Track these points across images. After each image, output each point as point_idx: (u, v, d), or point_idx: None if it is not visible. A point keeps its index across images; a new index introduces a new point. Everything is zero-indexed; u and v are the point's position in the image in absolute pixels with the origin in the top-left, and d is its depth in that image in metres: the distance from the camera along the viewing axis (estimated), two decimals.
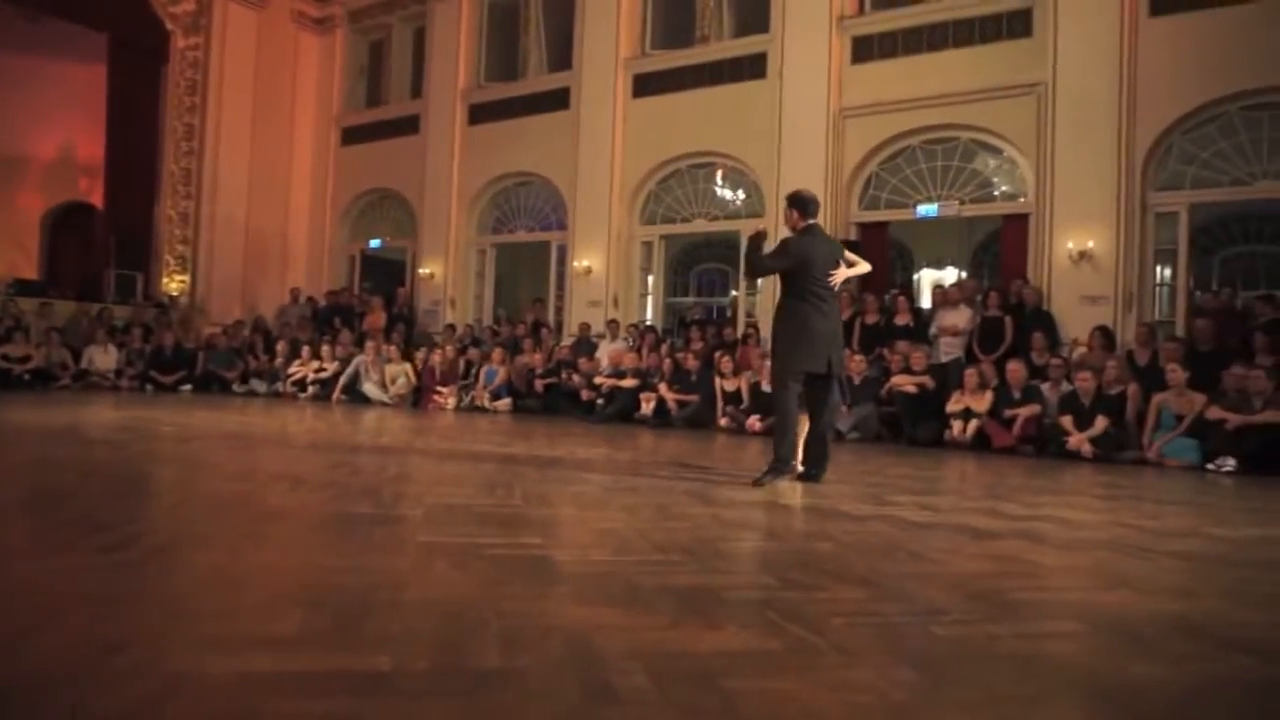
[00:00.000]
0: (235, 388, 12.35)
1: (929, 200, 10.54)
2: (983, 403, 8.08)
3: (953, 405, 8.23)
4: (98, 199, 15.41)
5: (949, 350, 9.20)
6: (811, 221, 5.10)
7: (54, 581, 2.24)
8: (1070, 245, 9.32)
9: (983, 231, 14.50)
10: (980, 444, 7.92)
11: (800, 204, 5.12)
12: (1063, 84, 9.43)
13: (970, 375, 8.29)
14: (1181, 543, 3.57)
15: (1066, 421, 7.57)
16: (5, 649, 1.72)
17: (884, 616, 2.24)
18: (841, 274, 5.03)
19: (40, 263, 16.38)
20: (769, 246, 5.33)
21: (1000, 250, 11.09)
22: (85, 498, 3.58)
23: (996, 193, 10.44)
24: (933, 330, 9.41)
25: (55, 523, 3.05)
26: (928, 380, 8.57)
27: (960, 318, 9.29)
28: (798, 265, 4.97)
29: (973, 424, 8.01)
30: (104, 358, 11.96)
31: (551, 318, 13.37)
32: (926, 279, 15.16)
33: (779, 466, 4.85)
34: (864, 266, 5.25)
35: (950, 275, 14.45)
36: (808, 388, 5.02)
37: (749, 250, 5.27)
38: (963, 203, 10.39)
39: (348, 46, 16.08)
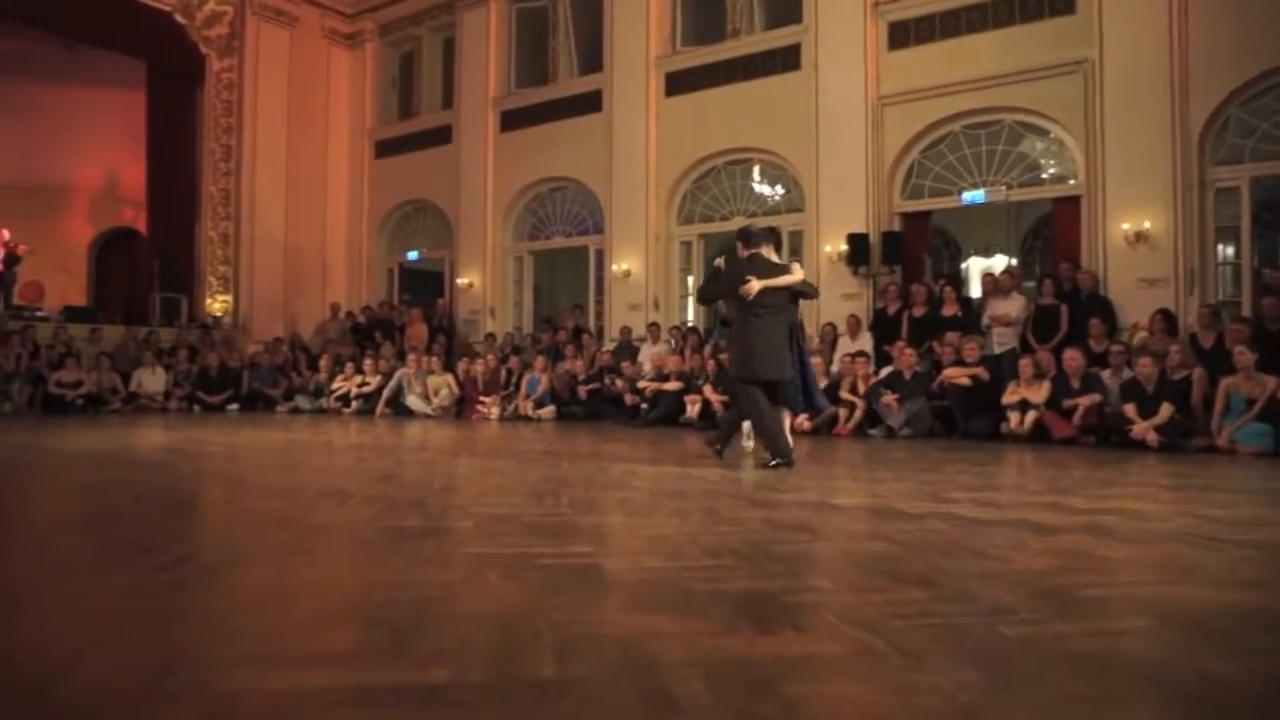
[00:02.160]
0: (280, 405, 12.57)
1: (974, 186, 10.39)
2: (1040, 393, 7.93)
3: (1008, 397, 8.10)
4: (141, 224, 15.81)
5: (1002, 340, 9.05)
6: (754, 250, 5.86)
7: (107, 601, 2.28)
8: (1126, 226, 9.10)
9: (1032, 216, 14.24)
10: (1039, 436, 7.77)
11: (742, 236, 5.98)
12: (1110, 60, 9.23)
13: (1026, 365, 8.15)
14: (1255, 533, 3.46)
15: (1129, 410, 7.39)
16: (61, 669, 1.75)
17: (947, 617, 2.19)
18: (753, 286, 5.63)
19: (89, 289, 16.84)
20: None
21: (1051, 235, 10.89)
22: (137, 518, 3.66)
23: (1045, 175, 10.26)
24: (984, 320, 9.26)
25: (108, 543, 3.12)
26: (981, 372, 8.43)
27: (1013, 306, 9.13)
28: (726, 290, 5.88)
29: (1030, 416, 7.87)
30: (152, 380, 12.26)
31: (592, 323, 13.41)
32: (975, 267, 14.93)
33: (781, 462, 5.50)
34: (793, 277, 5.86)
35: (999, 263, 14.20)
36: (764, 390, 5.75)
37: (704, 280, 6.31)
38: (1010, 187, 10.23)
39: (378, 60, 16.32)
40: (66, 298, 15.10)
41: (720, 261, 6.08)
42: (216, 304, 14.96)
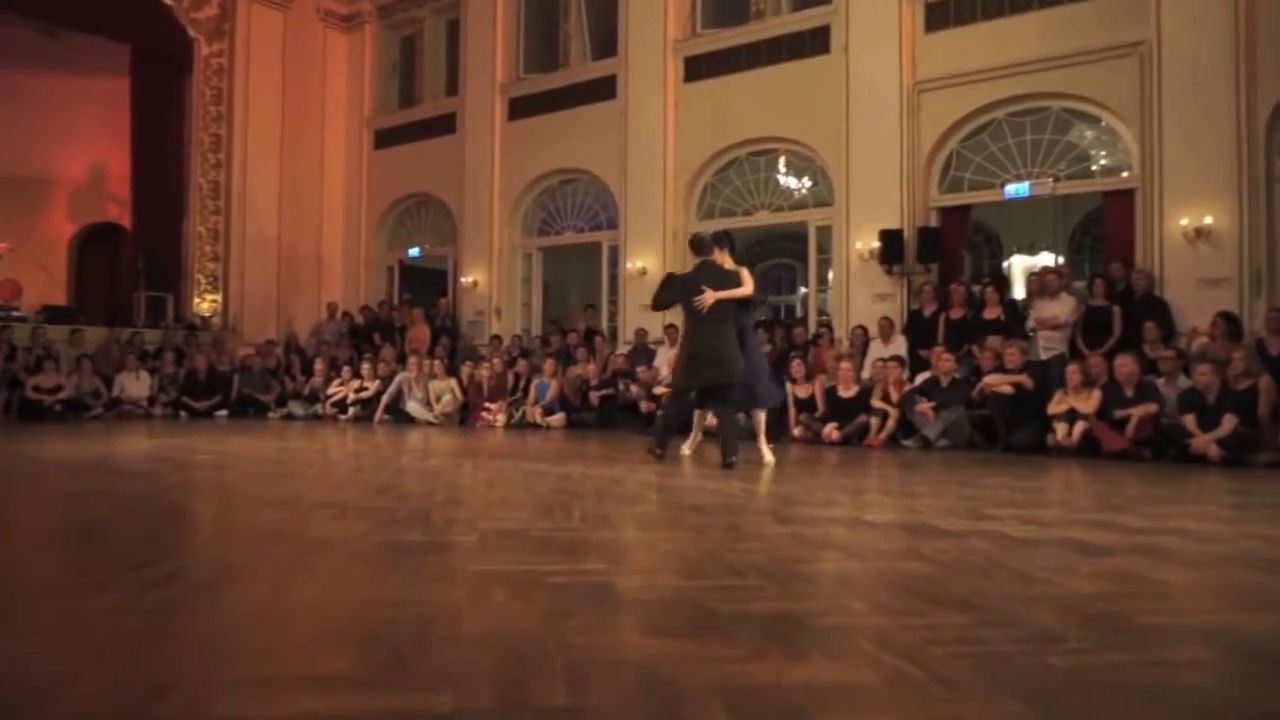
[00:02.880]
0: (272, 412, 12.66)
1: (1018, 179, 10.35)
2: (1089, 403, 7.88)
3: (1055, 406, 8.05)
4: (125, 219, 15.96)
5: (1049, 345, 9.00)
6: (704, 258, 6.57)
7: (92, 622, 2.31)
8: (1184, 222, 9.04)
9: (1080, 211, 14.17)
10: (1088, 449, 7.72)
11: (693, 245, 6.76)
12: (1169, 42, 9.17)
13: (1073, 372, 8.10)
14: None
15: (1188, 421, 7.33)
16: (43, 694, 1.78)
17: (989, 644, 2.18)
18: (708, 297, 6.30)
19: (69, 287, 17.01)
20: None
21: (1102, 231, 10.83)
22: (122, 532, 3.70)
23: (1095, 167, 10.21)
24: (1030, 323, 9.21)
25: (91, 559, 3.15)
26: (1025, 379, 8.39)
27: (1060, 308, 9.07)
28: (678, 297, 6.53)
29: (1079, 427, 7.81)
30: (136, 385, 12.37)
31: (605, 325, 13.43)
32: (1018, 266, 14.86)
33: (732, 461, 6.24)
34: (745, 290, 6.49)
35: (1045, 261, 14.13)
36: (701, 395, 6.68)
37: (658, 289, 6.93)
38: (1057, 180, 10.18)
39: (378, 44, 16.44)
40: (45, 297, 15.23)
41: (669, 271, 7.28)
42: (205, 304, 15.08)
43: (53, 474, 5.96)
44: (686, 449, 7.17)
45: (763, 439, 6.91)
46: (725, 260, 6.69)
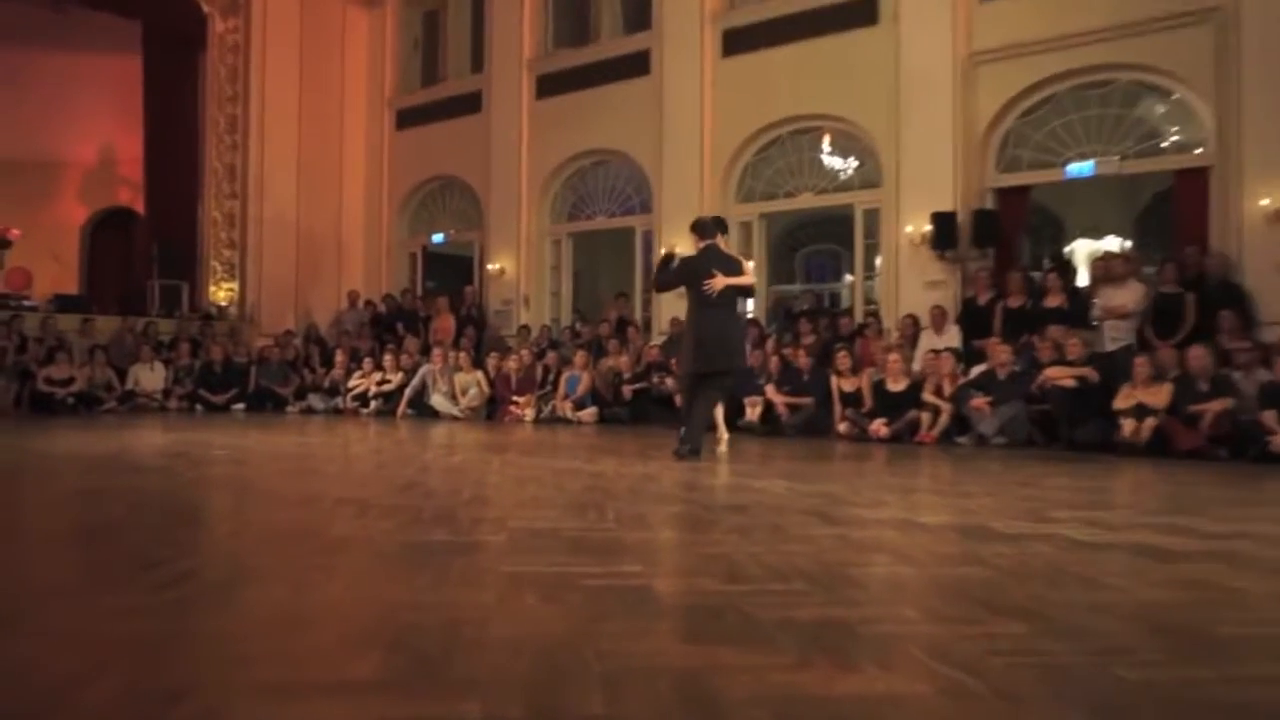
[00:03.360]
0: (291, 405, 12.80)
1: (1081, 157, 10.21)
2: (1160, 397, 7.78)
3: (1122, 401, 7.96)
4: (138, 204, 16.20)
5: (1115, 335, 8.89)
6: (708, 242, 6.74)
7: (105, 624, 2.34)
8: (1266, 202, 8.87)
9: (1149, 192, 13.91)
10: (1158, 447, 7.62)
11: (697, 229, 6.88)
12: (1249, 6, 8.98)
13: (1142, 365, 7.99)
14: None
15: (1269, 418, 7.22)
16: (55, 699, 1.80)
17: (1053, 655, 2.15)
18: (718, 283, 6.50)
19: (80, 275, 17.30)
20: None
21: (1173, 213, 10.65)
22: (135, 530, 3.75)
23: (1165, 144, 10.03)
24: (1095, 312, 9.10)
25: (104, 559, 3.20)
26: (1089, 372, 8.29)
27: (1128, 296, 8.95)
28: (689, 280, 6.72)
29: (1148, 423, 7.71)
30: (150, 377, 12.56)
31: (639, 314, 13.43)
32: (1081, 251, 14.66)
33: (687, 451, 6.50)
34: (748, 279, 6.87)
35: (1111, 246, 13.91)
36: (702, 381, 6.73)
37: (657, 269, 7.17)
38: (1124, 158, 10.02)
39: (400, 20, 16.53)
40: (56, 285, 15.52)
41: (669, 249, 7.24)
42: (221, 292, 15.28)
43: (64, 469, 6.07)
44: (722, 447, 7.20)
45: (723, 422, 7.34)
46: (727, 246, 6.99)
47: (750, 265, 6.95)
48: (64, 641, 2.19)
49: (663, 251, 7.30)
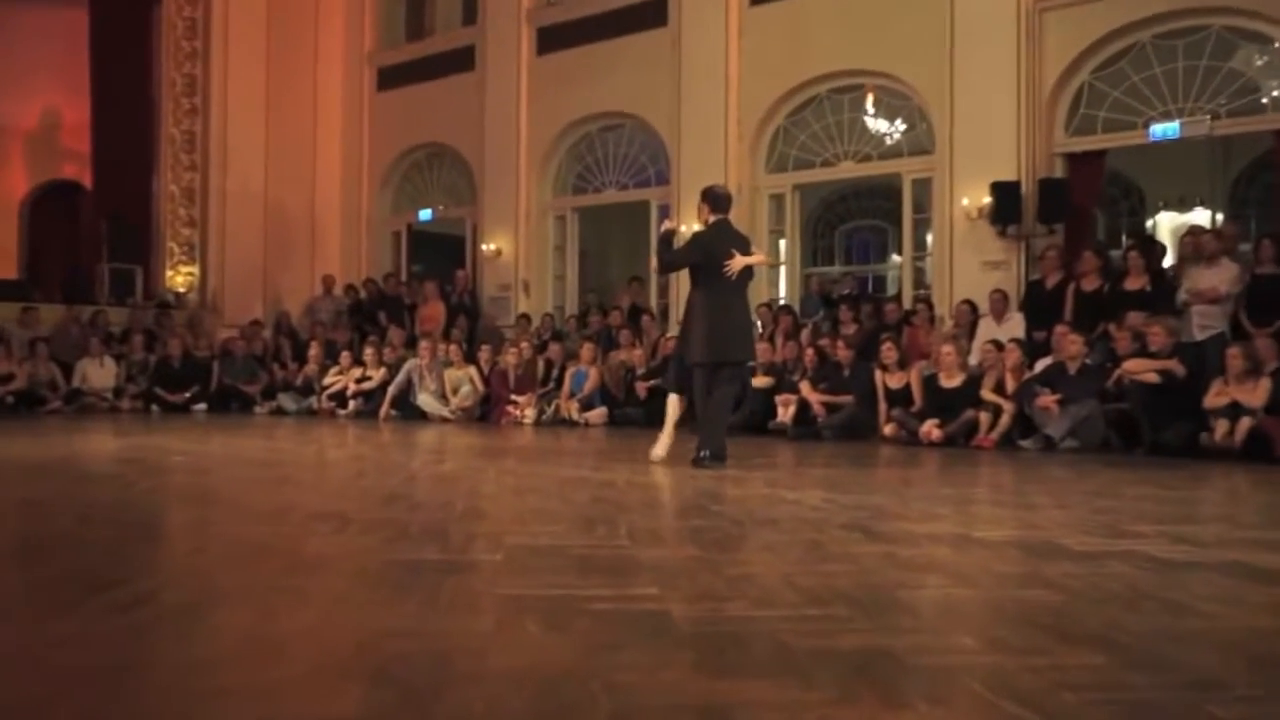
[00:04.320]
0: (259, 405, 12.86)
1: (1166, 117, 10.15)
2: (1257, 394, 7.73)
3: (1213, 398, 7.91)
4: (86, 177, 16.27)
5: (1205, 323, 8.83)
6: (721, 216, 6.82)
7: (53, 651, 2.35)
8: None
9: (1245, 157, 13.86)
10: (1256, 451, 7.57)
11: (711, 199, 6.90)
12: None
13: (1236, 356, 7.94)
14: None
15: None
16: None
17: (1135, 690, 2.14)
18: (737, 263, 6.60)
19: (20, 258, 17.39)
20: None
21: (1273, 181, 10.60)
22: (86, 547, 3.77)
23: (1266, 100, 9.95)
24: (1181, 296, 9.04)
25: (51, 578, 3.21)
26: (1175, 365, 8.24)
27: (1220, 277, 8.89)
28: (703, 258, 6.70)
29: (1243, 424, 7.67)
30: (100, 373, 12.64)
31: (654, 301, 13.43)
32: (1165, 226, 14.60)
33: (704, 457, 6.50)
34: (759, 257, 7.16)
35: (1200, 219, 13.85)
36: (714, 374, 6.71)
37: (660, 247, 7.31)
38: (1216, 117, 9.96)
39: None
40: None
41: (671, 225, 7.35)
42: (179, 277, 15.36)
43: (4, 477, 6.11)
44: (658, 450, 6.95)
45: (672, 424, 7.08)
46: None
47: (754, 246, 7.05)
48: (11, 671, 2.21)
49: (664, 226, 7.32)
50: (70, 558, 3.55)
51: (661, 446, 6.91)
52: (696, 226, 7.30)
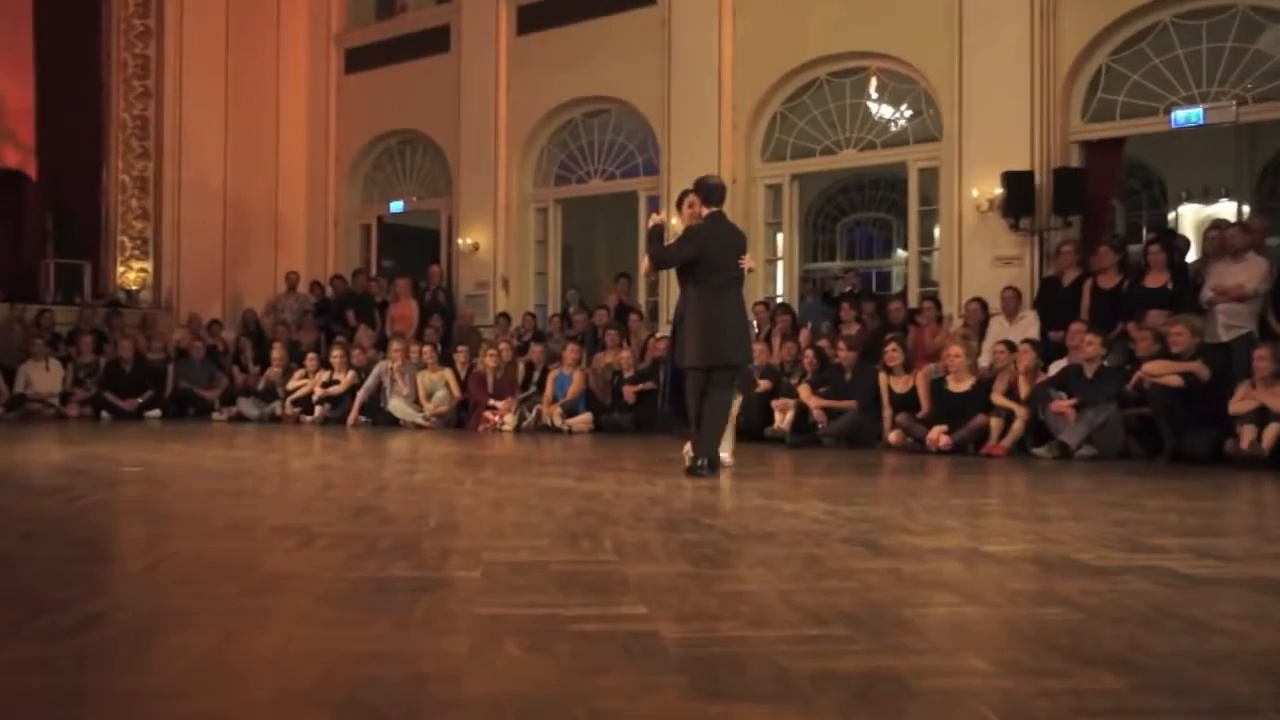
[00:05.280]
0: (217, 411, 12.83)
1: (1189, 102, 10.19)
2: None
3: (1239, 403, 7.94)
4: (29, 166, 16.17)
5: (1231, 323, 8.86)
6: (715, 209, 6.88)
7: None
8: None
9: (1273, 145, 13.93)
10: None
11: (705, 191, 6.93)
12: None
13: (1263, 358, 7.97)
14: None
15: None
16: None
17: (1156, 716, 2.15)
18: (749, 261, 6.93)
19: None
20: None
21: None
22: (28, 565, 3.76)
23: None
24: (1205, 294, 9.08)
25: None
26: (1198, 368, 8.27)
27: (1247, 274, 8.93)
28: (700, 254, 6.73)
29: (1271, 430, 7.70)
30: (45, 378, 12.59)
31: (643, 299, 13.44)
32: (1188, 219, 14.65)
33: (701, 465, 6.50)
34: (749, 261, 7.16)
35: (1225, 212, 13.90)
36: (710, 379, 6.74)
37: (650, 243, 7.31)
38: (1242, 102, 10.00)
39: None
40: None
41: (660, 219, 7.47)
42: (131, 274, 15.30)
43: None
44: (728, 457, 7.17)
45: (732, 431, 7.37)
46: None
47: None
48: None
49: (653, 221, 7.38)
50: (11, 577, 3.54)
51: (727, 452, 7.07)
52: (681, 221, 7.33)
